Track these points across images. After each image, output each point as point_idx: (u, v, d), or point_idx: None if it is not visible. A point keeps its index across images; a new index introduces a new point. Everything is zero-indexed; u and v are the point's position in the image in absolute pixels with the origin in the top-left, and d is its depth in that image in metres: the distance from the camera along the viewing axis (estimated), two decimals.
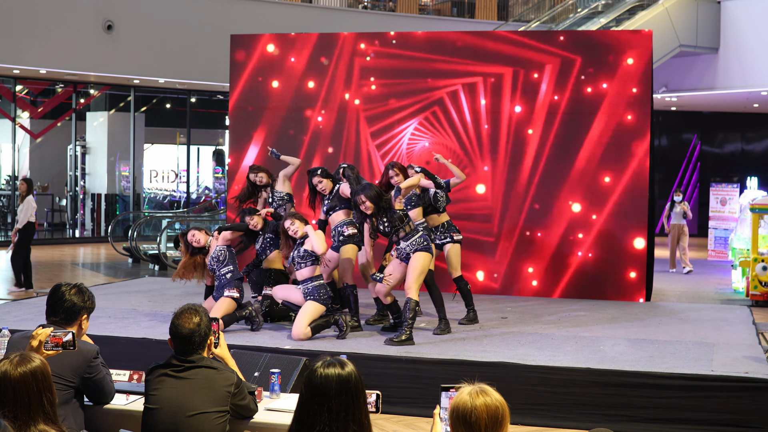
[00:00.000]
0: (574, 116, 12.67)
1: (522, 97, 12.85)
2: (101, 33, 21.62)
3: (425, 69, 13.21)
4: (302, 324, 9.05)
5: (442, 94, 13.11)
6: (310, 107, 13.61)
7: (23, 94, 25.65)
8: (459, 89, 13.05)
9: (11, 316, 10.29)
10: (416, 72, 13.25)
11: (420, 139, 13.20)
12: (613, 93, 12.55)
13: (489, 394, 3.55)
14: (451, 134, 13.07)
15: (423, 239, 9.22)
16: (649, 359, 8.50)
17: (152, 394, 4.87)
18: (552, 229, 12.74)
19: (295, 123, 13.65)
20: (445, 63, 13.16)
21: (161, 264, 17.75)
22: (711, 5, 23.00)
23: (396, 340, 8.95)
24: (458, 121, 13.05)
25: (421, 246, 9.17)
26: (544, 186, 12.77)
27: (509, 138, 12.90)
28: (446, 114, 13.09)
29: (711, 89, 23.74)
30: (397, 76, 13.32)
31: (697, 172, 28.87)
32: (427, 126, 13.17)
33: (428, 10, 29.24)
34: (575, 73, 12.69)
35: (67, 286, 5.26)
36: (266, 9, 23.58)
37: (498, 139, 12.92)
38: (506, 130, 12.91)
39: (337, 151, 13.44)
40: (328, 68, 13.53)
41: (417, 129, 13.23)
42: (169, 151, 28.78)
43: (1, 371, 3.87)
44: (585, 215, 12.63)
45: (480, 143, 12.99)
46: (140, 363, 7.05)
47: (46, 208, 26.94)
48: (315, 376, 3.83)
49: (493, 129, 12.95)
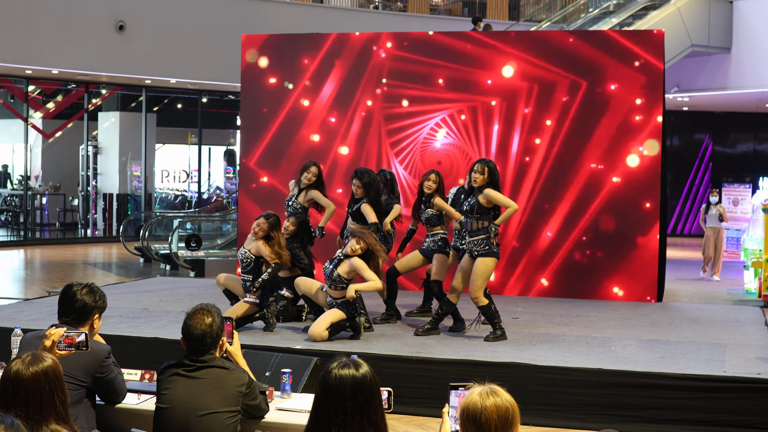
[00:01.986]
0: (584, 116, 12.66)
1: (535, 100, 12.84)
2: (113, 33, 21.66)
3: (436, 75, 13.20)
4: (322, 326, 9.02)
5: (455, 106, 13.11)
6: (324, 108, 13.60)
7: (35, 95, 25.70)
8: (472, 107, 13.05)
9: (23, 316, 10.32)
10: (426, 78, 13.24)
11: (434, 140, 13.19)
12: (624, 93, 12.53)
13: (499, 394, 3.55)
14: (464, 137, 13.05)
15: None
16: (660, 360, 8.48)
17: (164, 394, 4.88)
18: (562, 229, 12.71)
19: (309, 124, 13.64)
20: (459, 72, 13.15)
21: (173, 264, 17.77)
22: (723, 5, 22.93)
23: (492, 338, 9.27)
24: (471, 127, 13.05)
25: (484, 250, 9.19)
26: (552, 185, 12.75)
27: (520, 140, 12.87)
28: (464, 119, 13.08)
29: (723, 89, 23.66)
30: (412, 80, 13.31)
31: (709, 173, 28.78)
32: (445, 127, 13.14)
33: (439, 10, 29.22)
34: (586, 73, 12.69)
35: (78, 286, 5.27)
36: (278, 9, 23.60)
37: (508, 143, 12.90)
38: (517, 131, 12.89)
39: (358, 155, 13.44)
40: (342, 69, 13.52)
41: (432, 129, 13.20)
42: (181, 151, 28.82)
43: (13, 371, 3.88)
44: (595, 214, 12.61)
45: (487, 145, 12.98)
46: (152, 362, 7.07)
47: (58, 208, 27.01)
48: (330, 377, 3.81)
49: (506, 131, 12.94)
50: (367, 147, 13.42)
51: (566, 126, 12.73)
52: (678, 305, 12.62)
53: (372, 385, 3.83)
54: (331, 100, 13.57)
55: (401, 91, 13.31)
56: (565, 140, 12.73)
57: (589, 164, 12.63)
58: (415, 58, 13.25)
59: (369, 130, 13.43)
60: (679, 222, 28.68)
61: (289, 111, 13.69)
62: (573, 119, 12.71)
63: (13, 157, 28.10)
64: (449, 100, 13.11)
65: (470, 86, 13.08)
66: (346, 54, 13.53)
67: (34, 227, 25.87)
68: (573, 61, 12.76)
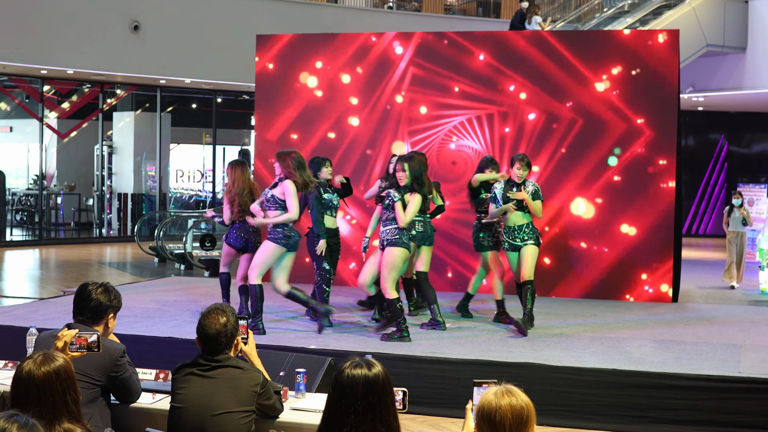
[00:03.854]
0: (596, 116, 12.63)
1: (544, 101, 12.83)
2: (128, 33, 21.72)
3: (453, 79, 13.20)
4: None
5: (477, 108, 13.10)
6: (342, 107, 13.60)
7: (51, 95, 25.79)
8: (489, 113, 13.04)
9: (38, 315, 10.36)
10: (443, 86, 13.24)
11: (452, 141, 13.18)
12: (639, 92, 12.51)
13: (515, 394, 3.54)
14: (479, 137, 13.05)
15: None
16: (675, 360, 8.46)
17: (178, 393, 4.88)
18: (577, 229, 12.70)
19: (329, 124, 13.64)
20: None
21: (187, 263, 17.81)
22: (738, 4, 22.86)
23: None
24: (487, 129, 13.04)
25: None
26: (565, 186, 12.73)
27: (530, 142, 12.85)
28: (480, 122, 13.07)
29: (738, 89, 23.60)
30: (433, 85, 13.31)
31: (724, 173, 28.69)
32: (461, 129, 13.13)
33: (454, 10, 29.20)
34: (600, 73, 12.66)
35: (93, 285, 5.29)
36: (292, 9, 23.61)
37: (519, 144, 12.89)
38: (528, 133, 12.87)
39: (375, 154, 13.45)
40: (361, 69, 13.50)
41: (450, 132, 13.20)
42: (195, 151, 28.88)
43: (25, 371, 3.89)
44: (609, 215, 12.59)
45: (502, 146, 12.97)
46: (166, 362, 7.10)
47: (73, 208, 27.10)
48: (342, 376, 3.80)
49: (517, 134, 12.92)
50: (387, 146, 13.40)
51: (576, 127, 12.71)
52: (693, 305, 12.58)
53: (384, 384, 3.82)
54: (355, 95, 13.57)
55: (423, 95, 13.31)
56: (575, 142, 12.71)
57: (603, 164, 12.61)
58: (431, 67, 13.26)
59: (392, 129, 13.40)
60: (694, 222, 28.59)
61: (304, 111, 13.67)
62: (583, 121, 12.69)
63: (28, 157, 28.19)
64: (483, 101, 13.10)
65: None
66: (370, 53, 13.50)
67: (49, 227, 25.96)
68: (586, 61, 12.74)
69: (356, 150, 13.49)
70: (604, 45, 12.86)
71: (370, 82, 13.47)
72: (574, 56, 12.73)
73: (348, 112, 13.54)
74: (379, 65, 13.45)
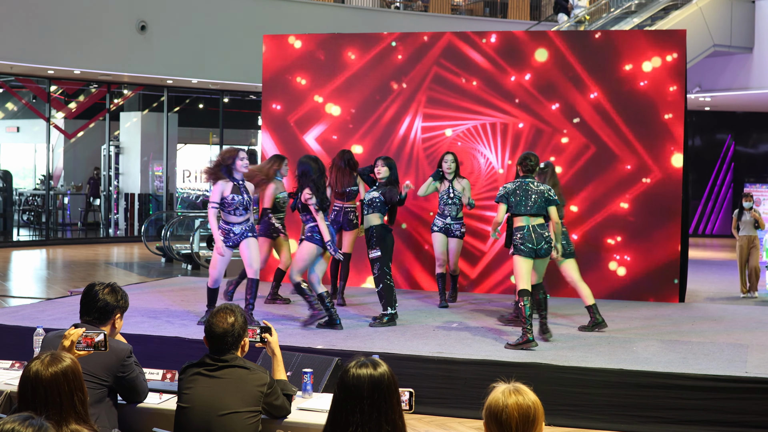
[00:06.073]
0: (609, 115, 12.62)
1: (559, 96, 12.82)
2: (135, 34, 21.75)
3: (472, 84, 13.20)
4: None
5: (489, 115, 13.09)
6: (351, 107, 13.60)
7: (58, 95, 25.84)
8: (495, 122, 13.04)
9: (45, 315, 10.37)
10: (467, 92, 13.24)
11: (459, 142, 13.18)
12: (649, 92, 12.50)
13: (523, 393, 3.53)
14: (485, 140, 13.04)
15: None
16: (682, 360, 8.44)
17: (185, 393, 4.89)
18: (585, 229, 12.68)
19: (333, 124, 13.65)
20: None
21: (194, 263, 17.83)
22: (745, 4, 22.82)
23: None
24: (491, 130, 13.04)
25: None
26: (579, 186, 12.72)
27: (548, 144, 12.84)
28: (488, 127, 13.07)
29: (745, 89, 23.55)
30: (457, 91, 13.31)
31: (731, 173, 28.65)
32: (470, 133, 13.13)
33: (461, 11, 29.17)
34: (610, 72, 12.66)
35: (100, 286, 5.29)
36: (298, 9, 23.62)
37: (536, 147, 12.89)
38: (544, 137, 12.88)
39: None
40: (364, 68, 13.50)
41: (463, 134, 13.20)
42: (202, 151, 28.92)
43: (32, 372, 3.89)
44: (618, 215, 12.57)
45: (516, 143, 12.97)
46: (173, 362, 7.10)
47: (80, 208, 27.14)
48: (347, 376, 3.82)
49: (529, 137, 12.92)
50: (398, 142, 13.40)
51: (590, 128, 12.69)
52: (700, 305, 12.57)
53: (390, 384, 3.83)
54: (365, 97, 13.57)
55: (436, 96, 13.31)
56: (586, 142, 12.70)
57: (614, 164, 12.59)
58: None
59: (408, 126, 13.41)
60: (701, 222, 28.56)
61: (311, 111, 13.68)
62: (598, 120, 12.68)
63: (35, 157, 28.25)
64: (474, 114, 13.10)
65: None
66: (372, 52, 13.51)
67: (56, 227, 26.00)
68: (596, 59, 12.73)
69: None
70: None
71: (380, 80, 13.46)
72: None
73: (354, 114, 13.55)
74: (417, 59, 13.44)
